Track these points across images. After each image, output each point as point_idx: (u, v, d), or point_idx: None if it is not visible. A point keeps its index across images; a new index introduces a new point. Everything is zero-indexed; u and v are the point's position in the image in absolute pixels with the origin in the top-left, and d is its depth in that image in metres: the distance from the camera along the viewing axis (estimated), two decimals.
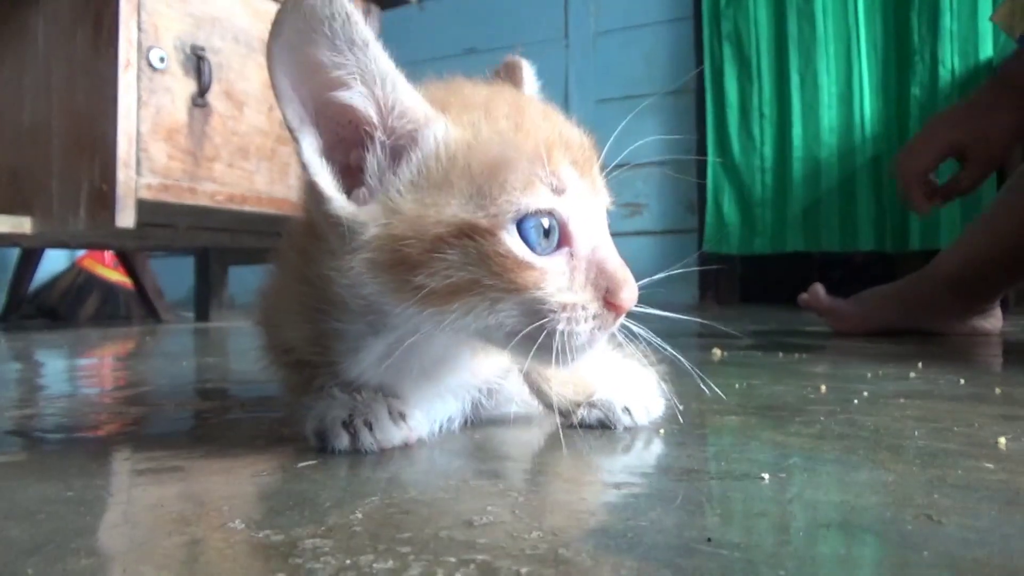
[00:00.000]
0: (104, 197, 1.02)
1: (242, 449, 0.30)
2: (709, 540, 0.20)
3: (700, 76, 2.42)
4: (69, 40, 1.10)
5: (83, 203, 1.05)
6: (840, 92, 2.07)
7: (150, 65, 1.08)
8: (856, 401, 0.42)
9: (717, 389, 0.46)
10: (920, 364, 0.56)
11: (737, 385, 0.48)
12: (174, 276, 2.56)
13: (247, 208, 1.21)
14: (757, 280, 2.63)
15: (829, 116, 2.08)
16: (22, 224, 1.09)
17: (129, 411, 0.39)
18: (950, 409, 0.40)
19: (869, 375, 0.51)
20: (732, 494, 0.26)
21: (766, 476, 0.27)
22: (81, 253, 1.94)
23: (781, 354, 0.67)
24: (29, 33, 1.16)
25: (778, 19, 2.13)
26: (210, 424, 0.36)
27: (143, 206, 1.05)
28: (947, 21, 1.92)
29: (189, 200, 1.12)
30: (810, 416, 0.39)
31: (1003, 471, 0.28)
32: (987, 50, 1.86)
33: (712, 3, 2.25)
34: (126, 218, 1.02)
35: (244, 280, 3.15)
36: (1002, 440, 0.32)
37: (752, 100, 2.18)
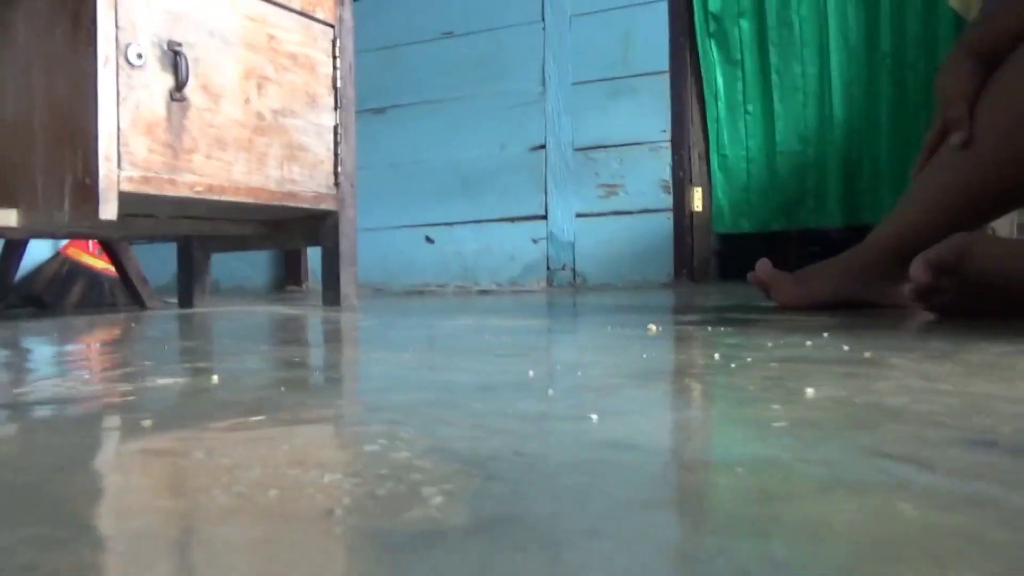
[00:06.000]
0: (87, 190, 1.07)
1: (235, 422, 0.35)
2: (516, 453, 0.26)
3: (674, 59, 2.49)
4: (48, 37, 1.14)
5: (67, 196, 1.09)
6: (815, 92, 2.36)
7: (128, 62, 1.12)
8: (733, 365, 0.47)
9: (619, 357, 0.51)
10: (826, 334, 0.62)
11: (645, 355, 0.54)
12: (156, 262, 2.60)
13: (226, 198, 1.26)
14: (736, 257, 2.71)
15: (806, 114, 2.36)
16: (8, 217, 1.14)
17: (119, 391, 0.45)
18: (802, 369, 0.45)
19: (771, 344, 0.57)
20: (562, 427, 0.32)
21: (595, 417, 0.33)
22: (64, 242, 1.97)
23: (709, 328, 0.73)
24: (9, 30, 1.20)
25: (760, 25, 2.40)
26: (198, 403, 0.41)
27: (125, 198, 1.10)
28: (912, 27, 2.23)
29: (170, 191, 1.16)
30: (678, 378, 0.45)
31: (787, 412, 0.33)
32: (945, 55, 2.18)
33: (702, 10, 2.48)
34: (109, 210, 1.07)
35: (226, 266, 3.19)
36: (809, 391, 0.38)
37: (738, 97, 2.45)
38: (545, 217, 2.65)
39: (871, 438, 0.28)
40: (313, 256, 2.99)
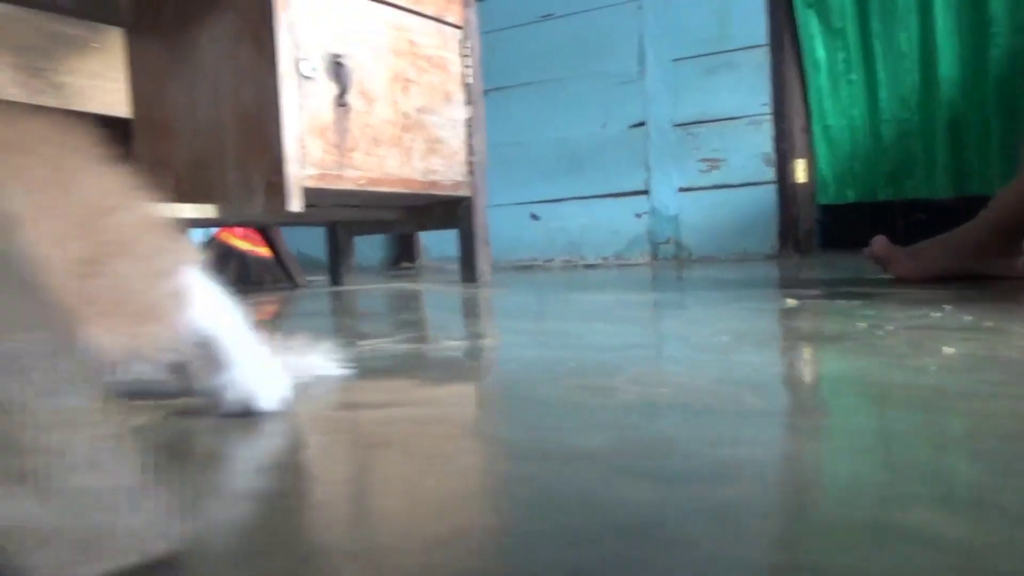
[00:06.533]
0: (277, 187, 1.26)
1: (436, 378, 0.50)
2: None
3: (773, 31, 2.52)
4: (233, 56, 1.33)
5: (259, 193, 1.29)
6: (919, 59, 2.33)
7: (302, 75, 1.29)
8: (879, 332, 0.59)
9: (786, 327, 0.63)
10: (950, 307, 0.72)
11: (797, 324, 0.66)
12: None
13: (381, 189, 1.43)
14: (839, 227, 2.73)
15: (912, 80, 2.34)
16: (207, 210, 1.34)
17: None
18: (937, 335, 0.57)
19: (901, 316, 0.68)
20: (763, 367, 0.46)
21: (797, 363, 0.47)
22: (215, 228, 2.21)
23: (843, 301, 0.84)
24: (195, 50, 1.40)
25: None
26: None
27: (305, 192, 1.29)
28: None
29: (338, 185, 1.35)
30: (841, 341, 0.58)
31: (936, 362, 0.47)
32: None
33: None
34: (296, 204, 1.26)
35: (362, 248, 3.42)
36: (947, 349, 0.50)
37: (839, 67, 2.45)
38: (647, 192, 2.74)
39: (989, 375, 0.42)
40: (425, 235, 3.18)
